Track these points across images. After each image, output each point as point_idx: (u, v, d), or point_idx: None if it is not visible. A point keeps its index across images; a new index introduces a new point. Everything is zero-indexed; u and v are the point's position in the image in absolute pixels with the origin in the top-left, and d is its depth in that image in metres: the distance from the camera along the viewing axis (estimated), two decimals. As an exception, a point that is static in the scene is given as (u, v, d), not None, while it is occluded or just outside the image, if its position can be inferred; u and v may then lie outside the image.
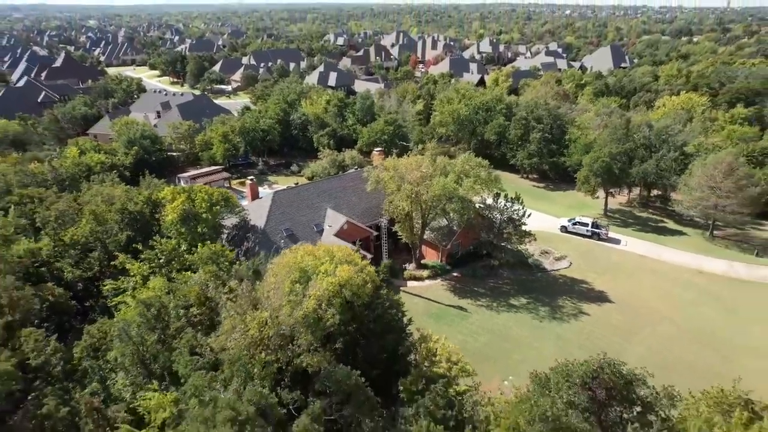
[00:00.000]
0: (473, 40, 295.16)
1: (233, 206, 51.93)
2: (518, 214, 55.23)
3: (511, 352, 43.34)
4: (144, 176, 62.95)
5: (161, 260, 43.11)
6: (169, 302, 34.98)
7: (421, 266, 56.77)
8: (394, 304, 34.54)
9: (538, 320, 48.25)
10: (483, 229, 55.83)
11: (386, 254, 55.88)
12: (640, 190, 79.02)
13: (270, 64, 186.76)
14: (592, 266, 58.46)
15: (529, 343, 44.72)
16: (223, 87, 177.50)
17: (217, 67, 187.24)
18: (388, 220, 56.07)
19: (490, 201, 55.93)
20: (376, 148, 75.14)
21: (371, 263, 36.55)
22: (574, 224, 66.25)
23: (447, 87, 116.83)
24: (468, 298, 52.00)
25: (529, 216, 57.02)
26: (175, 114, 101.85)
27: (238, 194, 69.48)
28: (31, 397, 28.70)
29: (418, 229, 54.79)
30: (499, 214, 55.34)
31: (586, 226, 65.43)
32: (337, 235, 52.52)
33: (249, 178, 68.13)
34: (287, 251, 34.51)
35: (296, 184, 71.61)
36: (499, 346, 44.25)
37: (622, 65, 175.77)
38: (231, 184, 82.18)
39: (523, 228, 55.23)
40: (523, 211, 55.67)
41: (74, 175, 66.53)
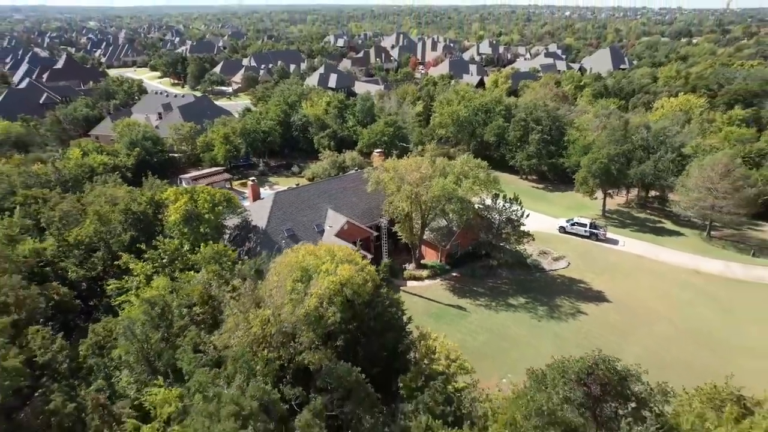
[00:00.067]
0: (473, 42, 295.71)
1: (235, 207, 52.51)
2: (517, 214, 55.73)
3: (510, 351, 43.87)
4: (147, 177, 63.52)
5: (164, 260, 43.78)
6: (172, 301, 35.55)
7: (421, 266, 57.30)
8: (394, 302, 35.05)
9: (536, 319, 48.80)
10: (482, 230, 56.38)
11: (386, 254, 56.35)
12: (638, 191, 79.59)
13: (270, 66, 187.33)
14: (590, 266, 59.00)
15: (527, 341, 45.25)
16: (224, 88, 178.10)
17: (218, 69, 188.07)
18: (388, 221, 56.55)
19: (489, 202, 56.45)
20: (376, 150, 75.70)
21: (371, 263, 37.12)
22: (573, 225, 66.78)
23: (446, 89, 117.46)
24: (467, 297, 52.53)
25: (528, 217, 57.57)
26: (177, 115, 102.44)
27: (240, 195, 69.99)
28: (38, 393, 29.19)
29: (418, 229, 55.32)
30: (498, 215, 55.88)
31: (585, 226, 65.95)
32: (338, 236, 53.08)
33: (250, 179, 68.67)
34: (289, 251, 35.10)
35: (297, 185, 72.26)
36: (497, 345, 44.80)
37: (621, 67, 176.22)
38: (232, 185, 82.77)
39: (521, 228, 55.78)
40: (522, 211, 56.15)
41: (77, 176, 67.10)
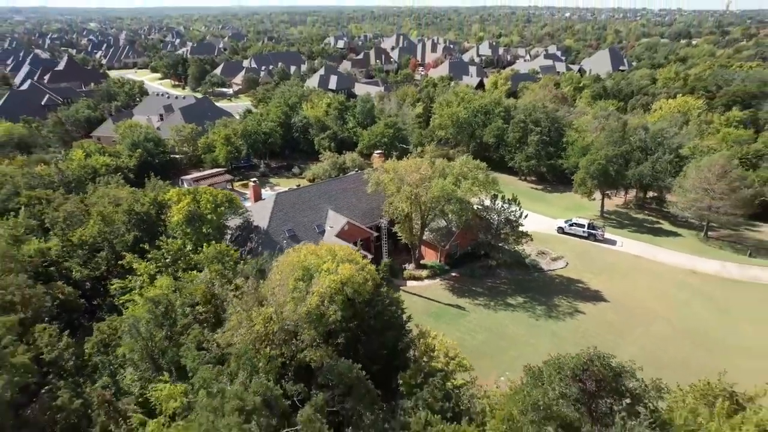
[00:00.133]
0: (473, 43, 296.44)
1: (237, 207, 53.10)
2: (515, 215, 56.33)
3: (508, 349, 44.45)
4: (149, 178, 64.11)
5: (167, 260, 44.35)
6: (175, 300, 36.12)
7: (421, 266, 57.86)
8: (394, 301, 35.60)
9: (534, 318, 49.38)
10: (481, 230, 56.95)
11: (386, 254, 56.93)
12: (636, 192, 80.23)
13: (271, 67, 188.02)
14: (588, 266, 59.57)
15: (526, 340, 45.82)
16: (225, 90, 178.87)
17: (219, 70, 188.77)
18: (387, 221, 57.14)
19: (488, 202, 57.05)
20: (377, 151, 76.28)
21: (371, 263, 37.68)
22: (571, 225, 67.36)
23: (446, 90, 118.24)
24: (466, 297, 53.11)
25: (526, 217, 58.16)
26: (178, 117, 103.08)
27: (241, 196, 70.53)
28: (45, 390, 29.80)
29: (418, 229, 55.90)
30: (497, 216, 56.48)
31: (583, 227, 66.54)
32: (339, 236, 53.66)
33: (252, 180, 69.32)
34: (291, 250, 35.68)
35: (298, 186, 72.98)
36: (496, 344, 45.38)
37: (621, 68, 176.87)
38: (233, 186, 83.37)
39: (520, 229, 56.38)
40: (521, 212, 56.75)
41: (80, 177, 67.70)
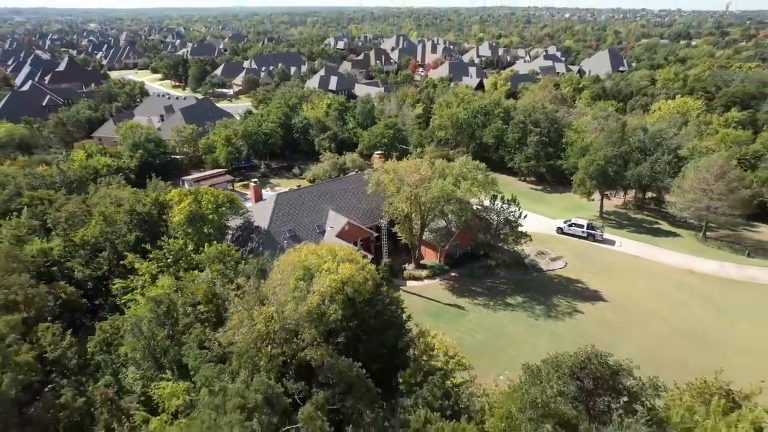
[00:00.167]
0: (473, 44, 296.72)
1: (238, 208, 53.39)
2: (515, 215, 56.64)
3: (507, 349, 44.74)
4: (150, 179, 64.42)
5: (169, 260, 44.61)
6: (177, 300, 36.40)
7: (420, 266, 58.17)
8: (394, 301, 35.88)
9: (533, 318, 49.68)
10: (480, 231, 57.26)
11: (386, 254, 57.24)
12: (635, 193, 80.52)
13: (271, 68, 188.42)
14: (587, 267, 59.87)
15: (524, 339, 46.11)
16: (225, 91, 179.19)
17: (219, 71, 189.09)
18: (387, 222, 57.47)
19: (487, 203, 57.35)
20: (377, 151, 76.60)
21: (372, 263, 37.99)
22: (570, 226, 67.66)
23: (446, 91, 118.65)
24: (465, 297, 53.41)
25: (526, 218, 58.46)
26: (179, 117, 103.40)
27: (242, 196, 70.81)
28: (49, 388, 30.13)
29: (417, 230, 56.21)
30: (496, 216, 56.79)
31: (582, 227, 66.84)
32: (339, 236, 53.96)
33: (253, 181, 69.62)
34: (292, 250, 36.00)
35: (298, 186, 73.33)
36: (495, 343, 45.68)
37: (620, 69, 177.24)
38: (234, 187, 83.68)
39: (519, 229, 56.69)
40: (520, 212, 57.05)
41: (82, 178, 68.01)
